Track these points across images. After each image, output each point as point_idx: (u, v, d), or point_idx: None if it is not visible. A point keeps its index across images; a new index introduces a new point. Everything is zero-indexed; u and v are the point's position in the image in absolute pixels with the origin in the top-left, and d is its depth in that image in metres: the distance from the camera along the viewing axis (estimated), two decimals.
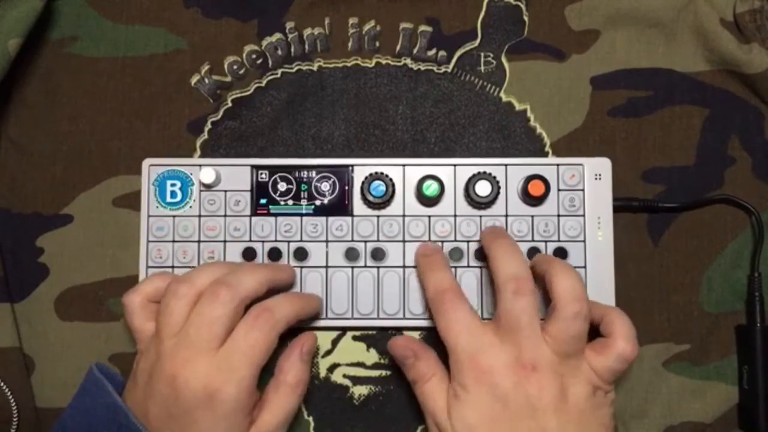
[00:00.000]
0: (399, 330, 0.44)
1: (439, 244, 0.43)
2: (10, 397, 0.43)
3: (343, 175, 0.44)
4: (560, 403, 0.36)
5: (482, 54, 0.46)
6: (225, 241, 0.44)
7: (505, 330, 0.37)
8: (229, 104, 0.46)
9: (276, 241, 0.43)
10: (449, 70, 0.46)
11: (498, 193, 0.43)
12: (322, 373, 0.44)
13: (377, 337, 0.44)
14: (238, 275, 0.38)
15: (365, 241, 0.43)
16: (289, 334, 0.40)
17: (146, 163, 0.44)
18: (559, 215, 0.43)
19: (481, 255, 0.43)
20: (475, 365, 0.36)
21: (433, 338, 0.44)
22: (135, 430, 0.36)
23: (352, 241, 0.43)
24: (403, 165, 0.44)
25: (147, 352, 0.38)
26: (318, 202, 0.44)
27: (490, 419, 0.36)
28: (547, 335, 0.36)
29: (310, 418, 0.44)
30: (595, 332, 0.39)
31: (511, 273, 0.37)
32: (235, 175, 0.44)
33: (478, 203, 0.43)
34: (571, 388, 0.36)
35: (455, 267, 0.43)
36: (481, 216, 0.43)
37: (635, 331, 0.38)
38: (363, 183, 0.43)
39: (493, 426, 0.36)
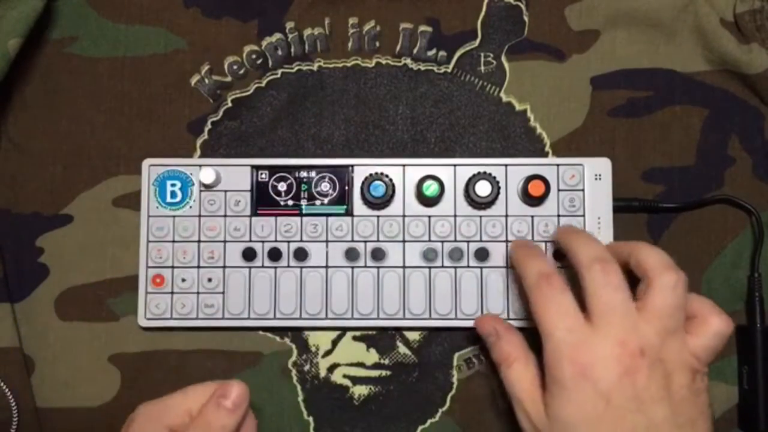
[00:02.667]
0: (399, 330, 0.44)
1: (440, 244, 0.43)
2: (10, 397, 0.43)
3: (343, 175, 0.44)
4: (665, 391, 0.33)
5: (482, 54, 0.46)
6: (225, 241, 0.44)
7: (598, 314, 0.34)
8: (229, 104, 0.46)
9: (276, 241, 0.43)
10: (449, 70, 0.46)
11: (498, 193, 0.43)
12: (322, 373, 0.44)
13: (377, 337, 0.44)
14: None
15: (365, 241, 0.43)
16: None
17: (146, 163, 0.44)
18: (559, 215, 0.43)
19: (482, 255, 0.43)
20: (575, 359, 0.34)
21: (434, 338, 0.44)
22: None
23: (352, 241, 0.43)
24: (403, 165, 0.44)
25: None
26: (318, 202, 0.44)
27: (593, 417, 0.33)
28: (645, 314, 0.34)
29: (310, 418, 0.44)
30: None
31: (594, 254, 0.35)
32: (235, 175, 0.44)
33: (478, 203, 0.43)
34: (674, 375, 0.34)
35: (455, 267, 0.43)
36: (481, 216, 0.43)
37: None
38: (363, 183, 0.43)
39: (597, 424, 0.33)
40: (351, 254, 0.43)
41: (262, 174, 0.44)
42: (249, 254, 0.43)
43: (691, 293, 0.37)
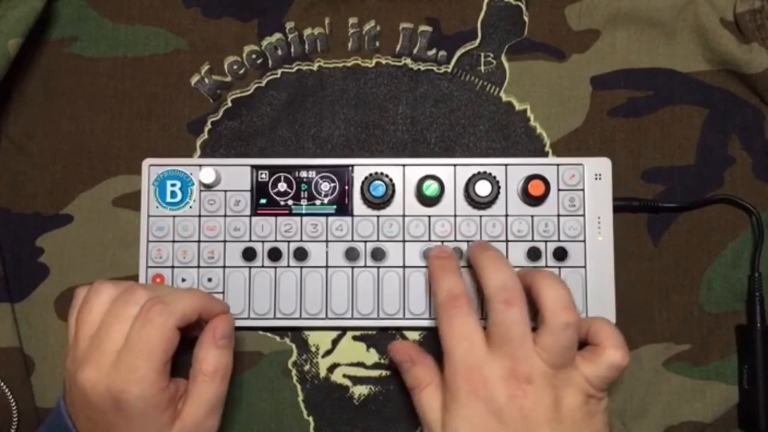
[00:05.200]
0: (399, 330, 0.44)
1: (446, 244, 0.43)
2: (10, 397, 0.43)
3: (343, 175, 0.44)
4: (554, 413, 0.36)
5: (482, 54, 0.46)
6: (225, 241, 0.44)
7: (497, 342, 0.36)
8: (229, 104, 0.46)
9: (276, 241, 0.43)
10: (449, 70, 0.46)
11: (498, 193, 0.43)
12: (322, 373, 0.44)
13: (377, 337, 0.44)
14: (174, 293, 0.37)
15: (365, 241, 0.43)
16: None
17: (146, 163, 0.44)
18: (559, 215, 0.43)
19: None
20: (471, 377, 0.36)
21: (434, 339, 0.44)
22: None
23: (352, 241, 0.43)
24: (403, 165, 0.44)
25: (70, 353, 0.38)
26: (318, 202, 0.44)
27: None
28: (538, 347, 0.36)
29: (310, 418, 0.44)
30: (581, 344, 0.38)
31: (501, 284, 0.37)
32: (235, 175, 0.44)
33: (478, 203, 0.43)
34: (564, 399, 0.36)
35: None
36: (481, 216, 0.43)
37: (623, 337, 0.37)
38: (363, 183, 0.43)
39: None
40: (351, 254, 0.43)
41: (262, 174, 0.44)
42: (249, 254, 0.43)
43: (601, 318, 0.39)
